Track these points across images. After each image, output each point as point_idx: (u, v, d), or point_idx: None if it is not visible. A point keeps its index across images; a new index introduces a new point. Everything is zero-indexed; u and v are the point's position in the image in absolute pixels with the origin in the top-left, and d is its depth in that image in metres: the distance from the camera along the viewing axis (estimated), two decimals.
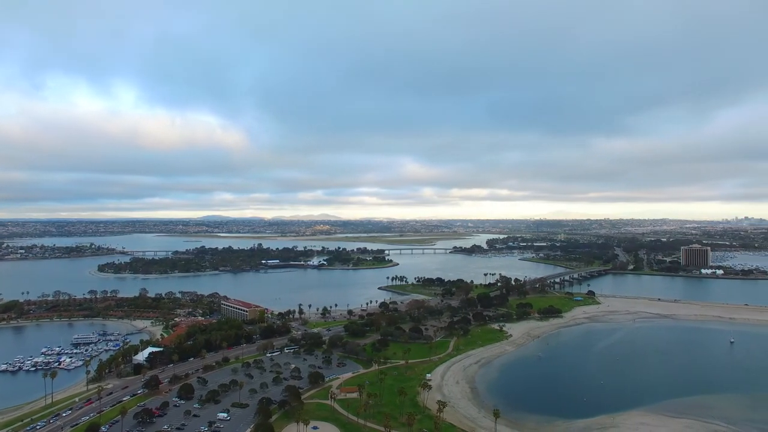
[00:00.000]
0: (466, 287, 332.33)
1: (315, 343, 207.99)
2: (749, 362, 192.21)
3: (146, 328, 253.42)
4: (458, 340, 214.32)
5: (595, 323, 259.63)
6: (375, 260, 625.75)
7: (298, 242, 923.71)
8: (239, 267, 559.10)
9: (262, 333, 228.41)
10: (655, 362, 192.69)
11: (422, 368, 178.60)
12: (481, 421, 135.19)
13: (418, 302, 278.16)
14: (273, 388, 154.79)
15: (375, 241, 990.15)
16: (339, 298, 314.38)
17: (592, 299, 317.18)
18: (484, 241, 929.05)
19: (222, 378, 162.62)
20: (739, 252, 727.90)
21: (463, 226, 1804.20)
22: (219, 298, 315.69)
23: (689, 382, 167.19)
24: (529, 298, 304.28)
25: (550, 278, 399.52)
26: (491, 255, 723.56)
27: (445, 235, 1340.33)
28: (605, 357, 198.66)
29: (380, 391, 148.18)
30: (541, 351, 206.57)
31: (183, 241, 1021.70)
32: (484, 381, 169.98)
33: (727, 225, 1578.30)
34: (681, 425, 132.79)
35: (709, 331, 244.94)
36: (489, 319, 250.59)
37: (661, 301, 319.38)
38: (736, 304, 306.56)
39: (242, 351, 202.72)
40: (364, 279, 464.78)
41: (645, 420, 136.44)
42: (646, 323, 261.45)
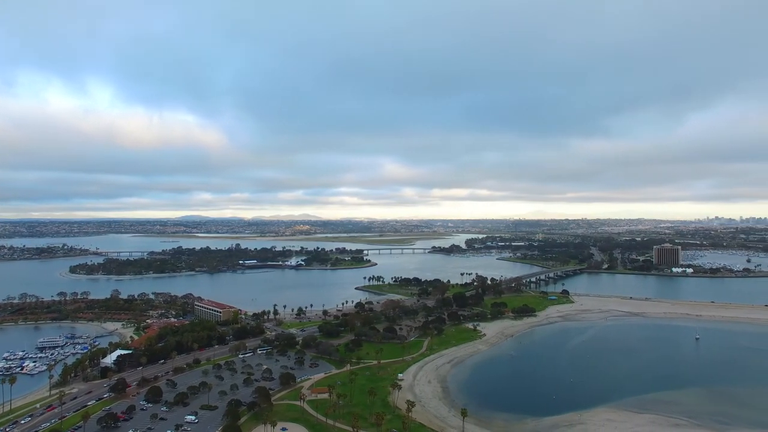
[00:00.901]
0: (442, 287, 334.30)
1: (288, 344, 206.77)
2: (712, 357, 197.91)
3: (117, 330, 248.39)
4: (432, 340, 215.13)
5: (568, 322, 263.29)
6: (353, 260, 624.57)
7: (277, 242, 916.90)
8: (216, 267, 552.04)
9: (235, 334, 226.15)
10: (624, 359, 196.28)
11: (395, 368, 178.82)
12: (451, 420, 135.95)
13: (393, 302, 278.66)
14: (243, 390, 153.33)
15: (355, 241, 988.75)
16: (316, 299, 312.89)
17: (566, 298, 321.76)
18: (463, 241, 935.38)
19: (192, 380, 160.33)
20: (709, 251, 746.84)
21: (443, 226, 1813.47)
22: (193, 299, 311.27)
23: (655, 378, 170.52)
24: (504, 298, 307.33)
25: (525, 277, 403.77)
26: (469, 255, 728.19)
27: (425, 235, 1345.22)
28: (576, 355, 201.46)
29: (351, 392, 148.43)
30: (514, 350, 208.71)
31: (160, 241, 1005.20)
32: (456, 380, 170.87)
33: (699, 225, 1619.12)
34: (645, 420, 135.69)
35: (676, 328, 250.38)
36: (464, 319, 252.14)
37: (632, 299, 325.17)
38: (703, 301, 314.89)
39: (214, 352, 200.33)
40: (341, 279, 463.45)
41: (611, 416, 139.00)
42: (617, 321, 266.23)
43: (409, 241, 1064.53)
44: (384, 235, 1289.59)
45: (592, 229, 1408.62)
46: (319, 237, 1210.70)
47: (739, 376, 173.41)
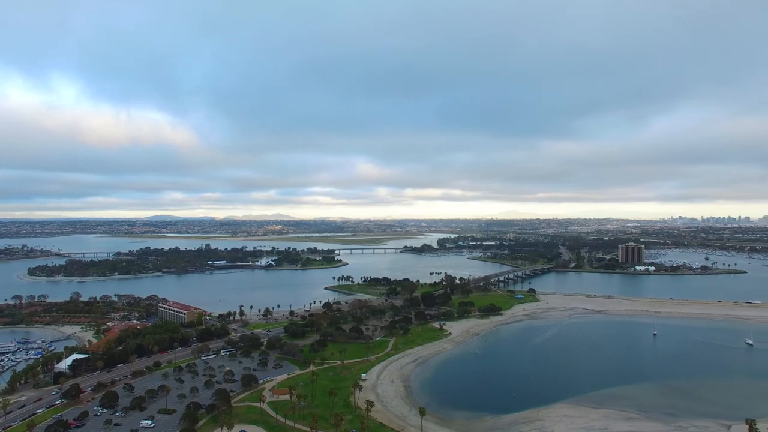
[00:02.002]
0: (411, 286, 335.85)
1: (253, 345, 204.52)
2: (667, 352, 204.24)
3: (75, 334, 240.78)
4: (398, 340, 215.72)
5: (533, 320, 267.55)
6: (324, 260, 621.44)
7: (248, 242, 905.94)
8: (184, 268, 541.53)
9: (199, 336, 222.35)
10: (584, 356, 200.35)
11: (359, 368, 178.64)
12: (411, 419, 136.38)
13: (360, 302, 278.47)
14: (204, 393, 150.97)
15: (327, 241, 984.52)
16: (284, 299, 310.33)
17: (533, 297, 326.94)
18: (435, 240, 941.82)
19: (151, 384, 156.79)
20: (671, 249, 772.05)
21: (416, 225, 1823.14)
22: (157, 301, 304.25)
23: (613, 374, 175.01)
24: (472, 297, 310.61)
25: (494, 277, 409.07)
26: (441, 254, 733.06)
27: (398, 234, 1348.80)
28: (538, 352, 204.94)
29: (313, 393, 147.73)
30: (479, 348, 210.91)
31: (127, 242, 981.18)
32: (419, 379, 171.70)
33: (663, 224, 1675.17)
34: (600, 415, 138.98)
35: (636, 324, 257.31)
36: (430, 318, 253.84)
37: (596, 297, 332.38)
38: (663, 298, 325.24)
39: (176, 355, 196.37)
40: (311, 279, 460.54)
41: (568, 412, 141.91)
42: (581, 319, 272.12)
43: (382, 240, 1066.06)
44: (357, 235, 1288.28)
45: (563, 228, 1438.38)
46: (291, 237, 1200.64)
47: (690, 369, 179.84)
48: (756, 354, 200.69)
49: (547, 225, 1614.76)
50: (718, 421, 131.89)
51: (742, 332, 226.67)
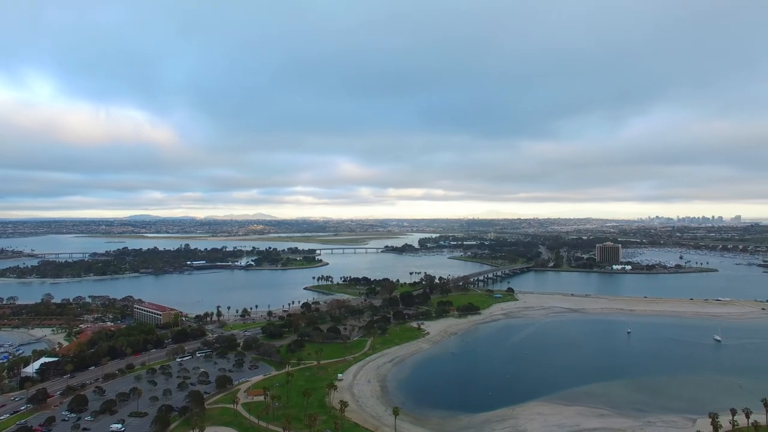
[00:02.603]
0: (390, 286, 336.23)
1: (229, 346, 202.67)
2: (640, 349, 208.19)
3: (45, 337, 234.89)
4: (375, 339, 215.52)
5: (510, 319, 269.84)
6: (305, 260, 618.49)
7: (228, 242, 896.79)
8: (162, 269, 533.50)
9: (175, 337, 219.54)
10: (560, 354, 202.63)
11: (336, 368, 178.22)
12: (386, 419, 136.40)
13: (339, 302, 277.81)
14: (177, 395, 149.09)
15: (309, 241, 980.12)
16: (263, 299, 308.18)
17: (511, 296, 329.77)
18: (417, 240, 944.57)
19: (123, 386, 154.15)
20: (648, 248, 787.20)
21: (398, 225, 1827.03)
22: (133, 302, 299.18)
23: (587, 372, 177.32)
24: (451, 296, 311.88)
25: (473, 276, 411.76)
26: (422, 254, 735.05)
27: (380, 234, 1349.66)
28: (515, 351, 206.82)
29: (288, 393, 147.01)
30: (456, 348, 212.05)
31: (104, 242, 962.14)
32: (396, 379, 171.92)
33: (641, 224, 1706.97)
34: (573, 412, 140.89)
35: (611, 322, 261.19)
36: (409, 318, 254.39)
37: (573, 296, 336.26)
38: (637, 296, 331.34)
39: (150, 357, 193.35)
40: (291, 279, 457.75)
41: (541, 410, 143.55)
42: (558, 317, 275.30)
43: (363, 240, 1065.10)
44: (339, 235, 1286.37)
45: (543, 228, 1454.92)
46: (272, 237, 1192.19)
47: (661, 366, 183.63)
48: (723, 350, 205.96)
49: (528, 225, 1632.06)
50: (685, 415, 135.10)
51: (711, 329, 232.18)
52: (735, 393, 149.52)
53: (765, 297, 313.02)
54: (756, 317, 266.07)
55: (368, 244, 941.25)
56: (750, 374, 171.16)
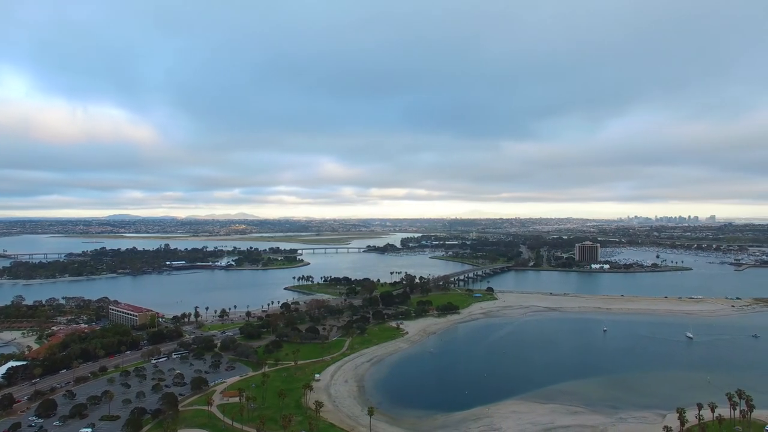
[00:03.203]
0: (370, 286, 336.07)
1: (206, 347, 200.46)
2: (615, 347, 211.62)
3: (15, 340, 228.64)
4: (354, 339, 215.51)
5: (489, 318, 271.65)
6: (286, 260, 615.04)
7: (209, 242, 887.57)
8: (140, 269, 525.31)
9: (151, 338, 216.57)
10: (537, 353, 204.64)
11: (313, 368, 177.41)
12: (362, 419, 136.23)
13: (318, 302, 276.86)
14: (151, 397, 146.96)
15: (291, 241, 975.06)
16: (244, 300, 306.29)
17: (491, 295, 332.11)
18: (399, 240, 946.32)
19: (95, 390, 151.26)
20: (626, 248, 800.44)
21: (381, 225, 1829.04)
22: (108, 303, 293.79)
23: (562, 370, 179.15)
24: (431, 296, 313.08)
25: (454, 276, 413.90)
26: (403, 254, 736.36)
27: (362, 234, 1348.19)
28: (493, 350, 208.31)
29: (264, 394, 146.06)
30: (434, 347, 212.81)
31: (82, 242, 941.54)
32: (373, 379, 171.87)
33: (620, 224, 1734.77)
34: (547, 410, 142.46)
35: (588, 321, 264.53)
36: (388, 317, 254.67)
37: (552, 295, 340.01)
38: (614, 295, 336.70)
39: (124, 359, 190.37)
40: (272, 279, 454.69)
41: (517, 408, 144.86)
42: (536, 316, 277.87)
43: (346, 240, 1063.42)
44: (321, 235, 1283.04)
45: (524, 228, 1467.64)
46: (254, 237, 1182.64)
47: (634, 363, 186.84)
48: (694, 346, 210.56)
49: (509, 224, 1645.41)
50: (655, 411, 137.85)
51: (684, 326, 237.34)
52: (704, 388, 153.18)
53: (735, 294, 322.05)
54: (726, 314, 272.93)
55: (350, 243, 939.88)
56: (718, 369, 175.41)
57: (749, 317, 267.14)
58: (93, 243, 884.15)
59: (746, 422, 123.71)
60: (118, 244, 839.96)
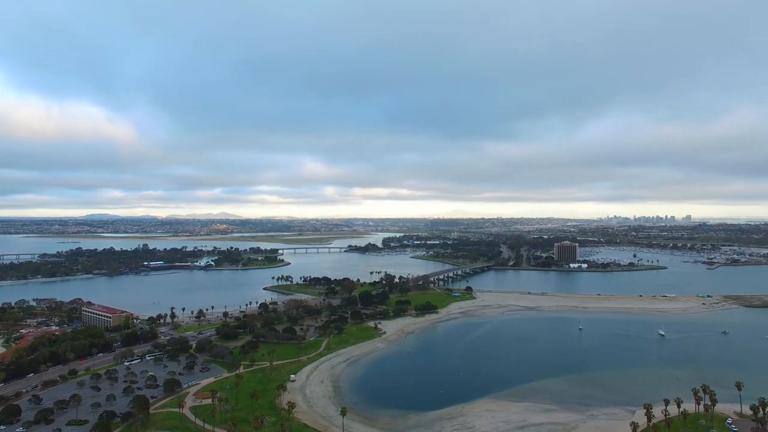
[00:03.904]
0: (350, 286, 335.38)
1: (181, 348, 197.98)
2: (589, 345, 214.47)
3: None
4: (331, 339, 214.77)
5: (467, 317, 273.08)
6: (266, 260, 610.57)
7: (190, 242, 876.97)
8: (117, 269, 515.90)
9: (124, 340, 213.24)
10: (513, 352, 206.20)
11: (289, 369, 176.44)
12: (336, 419, 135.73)
13: (296, 302, 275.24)
14: (122, 400, 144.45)
15: (272, 241, 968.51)
16: (222, 300, 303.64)
17: (470, 294, 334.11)
18: (381, 239, 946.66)
19: (63, 394, 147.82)
20: (605, 247, 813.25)
21: (363, 225, 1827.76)
22: (81, 305, 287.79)
23: (537, 369, 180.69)
24: (410, 296, 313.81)
25: (433, 275, 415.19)
26: (384, 253, 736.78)
27: (344, 234, 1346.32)
28: (469, 350, 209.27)
29: (237, 395, 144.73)
30: (411, 347, 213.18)
31: (57, 242, 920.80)
32: (349, 379, 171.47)
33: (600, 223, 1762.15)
34: (520, 408, 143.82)
35: (564, 319, 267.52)
36: (366, 317, 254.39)
37: (530, 294, 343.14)
38: (591, 294, 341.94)
39: (96, 362, 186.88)
40: (251, 280, 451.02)
41: (491, 407, 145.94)
42: (513, 315, 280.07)
43: (327, 240, 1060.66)
44: (303, 234, 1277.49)
45: (506, 227, 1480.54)
46: (235, 237, 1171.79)
47: (607, 361, 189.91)
48: (666, 344, 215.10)
49: (491, 224, 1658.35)
50: (625, 407, 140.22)
51: (656, 324, 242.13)
52: (673, 384, 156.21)
53: (706, 293, 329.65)
54: (696, 312, 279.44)
55: (332, 243, 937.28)
56: (688, 366, 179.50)
57: (719, 314, 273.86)
58: (69, 243, 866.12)
59: (709, 416, 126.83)
60: (95, 244, 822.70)
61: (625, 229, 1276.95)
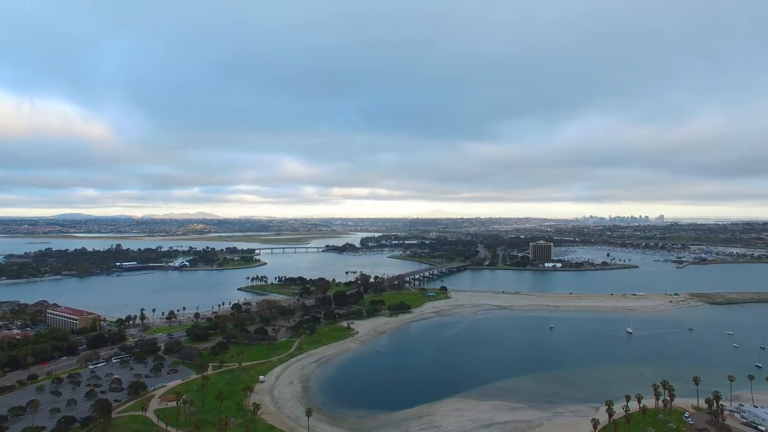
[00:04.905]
0: (324, 286, 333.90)
1: (149, 350, 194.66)
2: (559, 343, 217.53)
3: None
4: (303, 340, 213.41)
5: (441, 317, 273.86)
6: (242, 260, 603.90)
7: (165, 242, 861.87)
8: (88, 270, 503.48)
9: (90, 342, 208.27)
10: (483, 351, 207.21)
11: (259, 370, 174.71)
12: (303, 420, 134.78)
13: (269, 302, 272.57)
14: (83, 404, 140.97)
15: (250, 241, 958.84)
16: (195, 301, 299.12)
17: (444, 294, 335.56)
18: (359, 239, 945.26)
19: (20, 400, 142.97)
20: (580, 246, 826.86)
21: (342, 224, 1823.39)
22: (46, 307, 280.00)
23: (507, 367, 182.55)
24: (384, 295, 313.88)
25: (409, 275, 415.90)
26: (362, 253, 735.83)
27: (323, 233, 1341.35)
28: (441, 349, 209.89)
29: (204, 397, 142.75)
30: (383, 347, 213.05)
31: (25, 242, 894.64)
32: (319, 380, 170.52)
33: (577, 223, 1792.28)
34: (488, 407, 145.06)
35: (536, 318, 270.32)
36: (340, 317, 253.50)
37: (504, 293, 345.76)
38: (563, 293, 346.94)
39: (58, 365, 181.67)
40: (226, 280, 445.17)
41: (459, 405, 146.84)
42: (486, 315, 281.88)
43: (306, 240, 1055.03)
44: (281, 234, 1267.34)
45: (484, 227, 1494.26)
46: (212, 236, 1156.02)
47: (576, 358, 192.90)
48: (633, 341, 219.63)
49: (470, 224, 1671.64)
50: (590, 404, 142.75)
51: (624, 322, 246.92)
52: (637, 380, 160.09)
53: (673, 290, 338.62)
54: (664, 309, 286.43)
55: (310, 243, 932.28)
56: (652, 362, 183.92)
57: (684, 311, 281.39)
58: (38, 243, 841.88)
59: (668, 411, 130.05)
60: (66, 244, 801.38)
61: (600, 228, 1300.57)
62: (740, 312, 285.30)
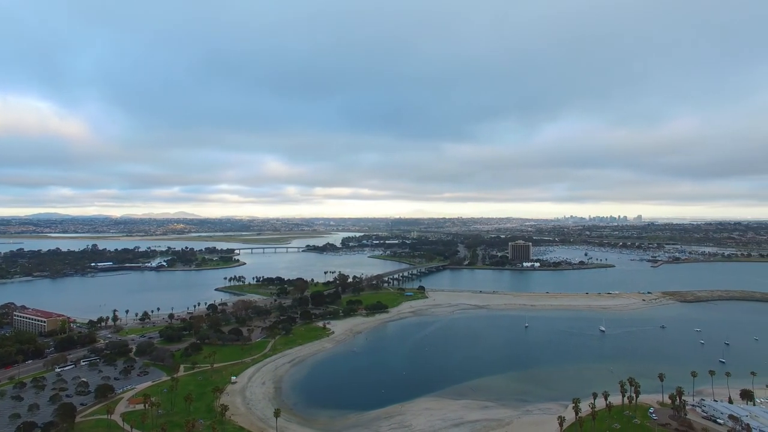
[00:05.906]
0: (302, 286, 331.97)
1: (119, 352, 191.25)
2: (533, 342, 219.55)
3: None
4: (278, 340, 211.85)
5: (418, 317, 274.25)
6: (221, 260, 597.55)
7: (144, 242, 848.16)
8: (61, 271, 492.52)
9: (58, 345, 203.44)
10: (458, 350, 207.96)
11: (231, 371, 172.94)
12: (274, 421, 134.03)
13: (245, 302, 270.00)
14: (46, 409, 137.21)
15: (230, 241, 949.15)
16: (171, 301, 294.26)
17: (422, 294, 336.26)
18: (341, 239, 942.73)
19: None
20: (559, 246, 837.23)
21: (324, 224, 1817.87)
22: (13, 309, 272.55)
23: (480, 366, 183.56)
24: (362, 295, 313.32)
25: (387, 275, 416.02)
26: (342, 253, 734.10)
27: (304, 233, 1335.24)
28: (416, 349, 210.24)
29: (173, 399, 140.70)
30: (359, 347, 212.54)
31: None
32: (292, 380, 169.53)
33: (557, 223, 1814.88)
34: (459, 406, 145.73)
35: (512, 317, 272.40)
36: (316, 317, 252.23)
37: (481, 293, 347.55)
38: (540, 292, 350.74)
39: (22, 369, 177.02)
40: (204, 280, 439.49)
41: (430, 405, 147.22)
42: (463, 314, 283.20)
43: (287, 240, 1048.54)
44: (263, 234, 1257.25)
45: (466, 227, 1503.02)
46: (192, 237, 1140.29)
47: (549, 357, 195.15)
48: (606, 339, 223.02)
49: (451, 224, 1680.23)
50: (560, 402, 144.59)
51: (598, 320, 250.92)
52: (606, 378, 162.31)
53: (647, 289, 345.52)
54: (636, 307, 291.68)
55: (291, 243, 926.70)
56: (623, 360, 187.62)
57: (657, 309, 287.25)
58: (10, 244, 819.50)
59: (634, 407, 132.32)
60: (40, 245, 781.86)
61: (579, 228, 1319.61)
62: (709, 309, 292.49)
